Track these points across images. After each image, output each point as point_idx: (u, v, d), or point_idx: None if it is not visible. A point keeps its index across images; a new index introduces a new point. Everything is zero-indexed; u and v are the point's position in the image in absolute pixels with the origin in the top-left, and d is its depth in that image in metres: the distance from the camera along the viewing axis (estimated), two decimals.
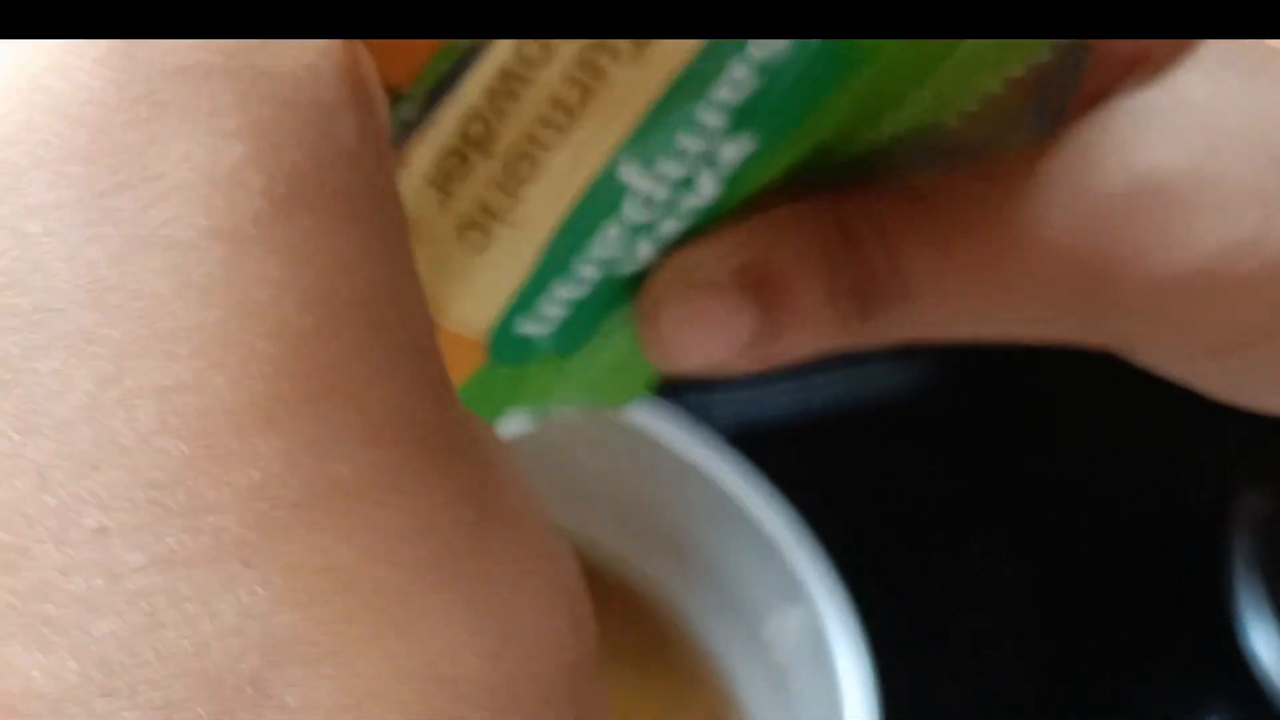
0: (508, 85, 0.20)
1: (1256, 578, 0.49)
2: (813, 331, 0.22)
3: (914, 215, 0.22)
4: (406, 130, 0.21)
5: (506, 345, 0.23)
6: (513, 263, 0.22)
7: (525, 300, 0.22)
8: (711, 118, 0.20)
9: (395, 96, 0.20)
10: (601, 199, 0.21)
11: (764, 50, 0.20)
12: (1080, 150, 0.21)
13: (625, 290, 0.22)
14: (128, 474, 0.14)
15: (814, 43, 0.20)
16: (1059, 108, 0.22)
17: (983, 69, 0.21)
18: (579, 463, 0.44)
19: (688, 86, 0.20)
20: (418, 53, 0.20)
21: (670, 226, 0.21)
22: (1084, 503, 0.52)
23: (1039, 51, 0.21)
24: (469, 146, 0.21)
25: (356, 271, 0.15)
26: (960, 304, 0.22)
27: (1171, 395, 0.26)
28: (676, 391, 0.46)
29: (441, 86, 0.20)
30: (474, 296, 0.22)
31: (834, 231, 0.22)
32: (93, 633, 0.13)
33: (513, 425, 0.24)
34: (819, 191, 0.22)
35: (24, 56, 0.15)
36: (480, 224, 0.21)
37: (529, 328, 0.22)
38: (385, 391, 0.15)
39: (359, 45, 0.17)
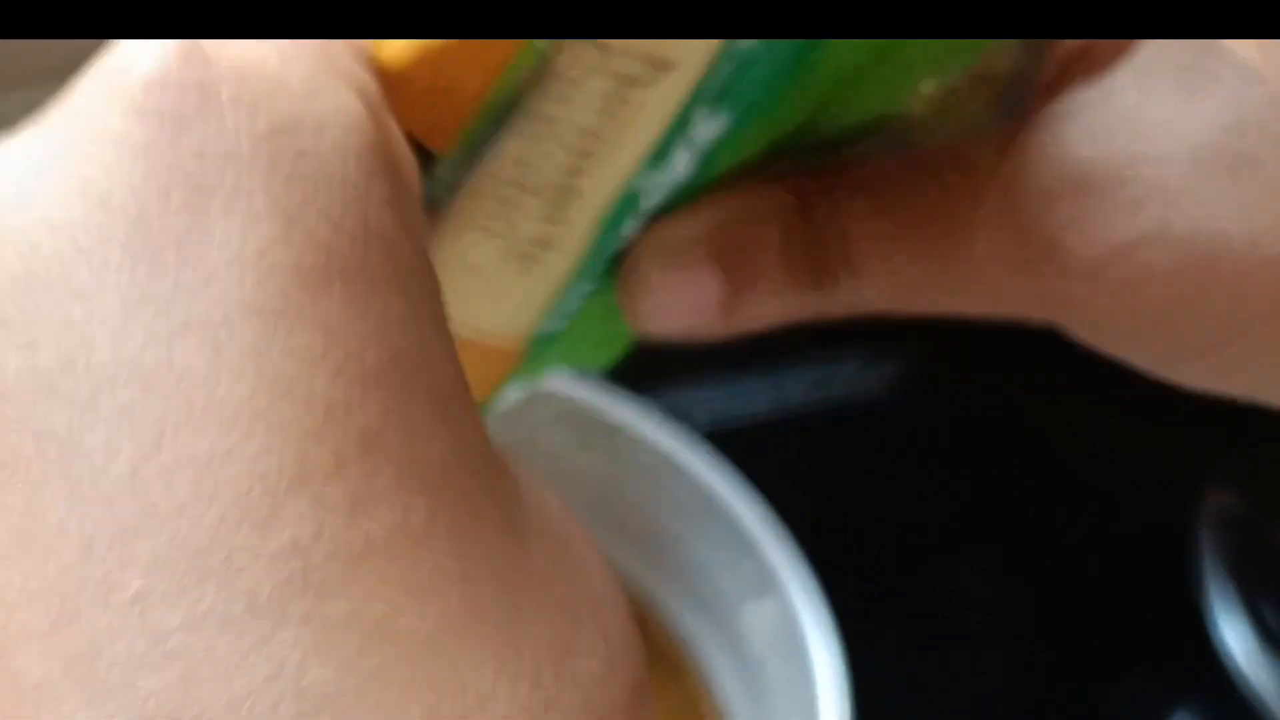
0: (547, 127, 0.21)
1: (1228, 576, 0.50)
2: (772, 299, 0.23)
3: (867, 191, 0.23)
4: (449, 189, 0.21)
5: (534, 344, 0.24)
6: (554, 278, 0.23)
7: (557, 304, 0.24)
8: (702, 112, 0.21)
9: (432, 159, 0.21)
10: (624, 203, 0.22)
11: (745, 42, 0.20)
12: (1021, 144, 0.22)
13: (612, 258, 0.24)
14: (166, 540, 0.14)
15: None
16: (1020, 102, 0.23)
17: (938, 60, 0.22)
18: (556, 456, 0.44)
19: (698, 95, 0.21)
20: (457, 118, 0.21)
21: (652, 202, 0.23)
22: (1055, 503, 0.53)
23: (992, 46, 0.22)
24: (516, 189, 0.22)
25: (385, 339, 0.16)
26: (906, 276, 0.23)
27: (1142, 397, 0.27)
28: (654, 388, 0.46)
29: (479, 144, 0.21)
30: (518, 312, 0.23)
31: (793, 205, 0.23)
32: (138, 691, 0.14)
33: (507, 399, 0.25)
34: (789, 172, 0.23)
35: (66, 149, 0.16)
36: (530, 254, 0.22)
37: (551, 324, 0.24)
38: (416, 452, 0.16)
39: (388, 118, 0.18)
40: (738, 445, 0.44)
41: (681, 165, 0.22)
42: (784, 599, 0.39)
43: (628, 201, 0.22)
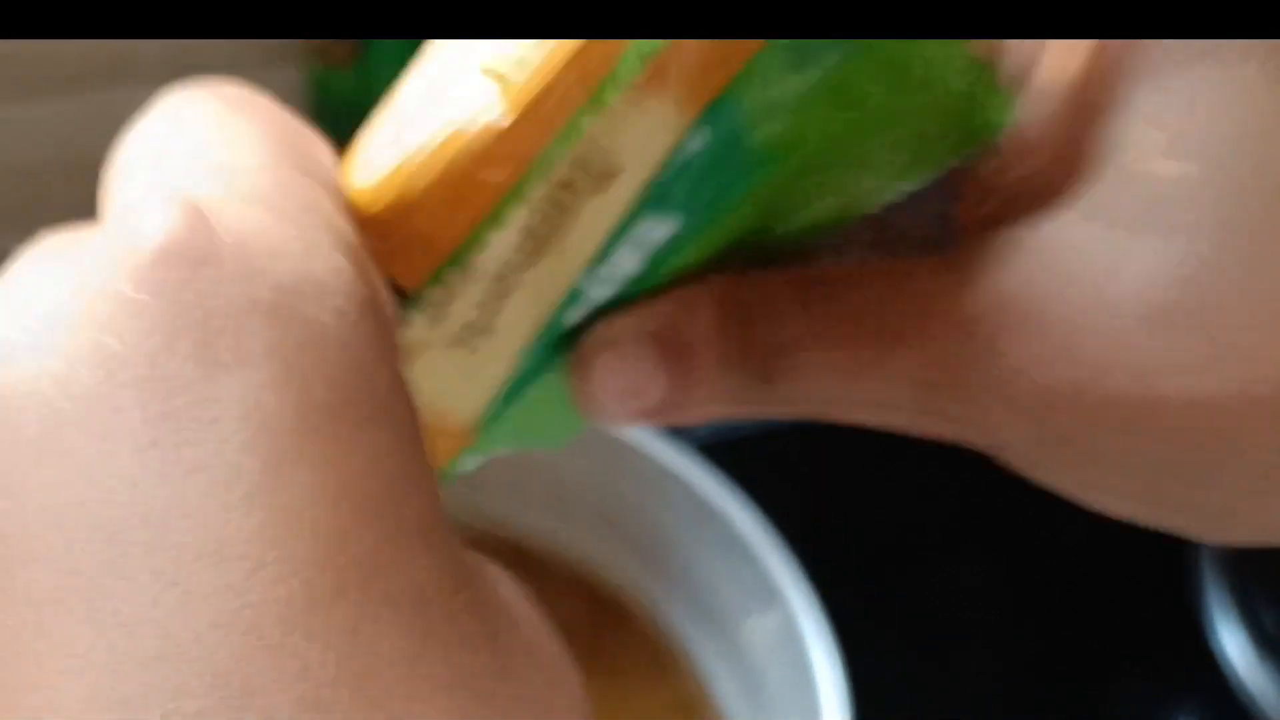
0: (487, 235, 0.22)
1: (1225, 578, 0.50)
2: (711, 396, 0.24)
3: (802, 299, 0.24)
4: (412, 315, 0.23)
5: (484, 423, 0.25)
6: (497, 367, 0.24)
7: (502, 389, 0.24)
8: (647, 216, 0.22)
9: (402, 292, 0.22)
10: (570, 300, 0.23)
11: (689, 150, 0.21)
12: (954, 270, 0.23)
13: (559, 346, 0.25)
14: (188, 665, 0.16)
15: (734, 147, 0.22)
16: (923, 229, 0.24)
17: (877, 180, 0.23)
18: (558, 469, 0.44)
19: (644, 201, 0.22)
20: (433, 261, 0.22)
21: (600, 295, 0.24)
22: (1052, 506, 0.53)
23: (914, 177, 0.23)
24: (464, 284, 0.22)
25: (376, 472, 0.17)
26: (835, 386, 0.24)
27: None
28: None
29: (447, 279, 0.22)
30: (464, 396, 0.24)
31: (732, 308, 0.24)
32: None
33: (462, 468, 0.25)
34: (741, 269, 0.24)
35: (76, 313, 0.17)
36: (469, 343, 0.23)
37: (499, 407, 0.25)
38: (406, 575, 0.17)
39: (371, 266, 0.20)
40: (738, 451, 0.44)
41: (628, 263, 0.23)
42: (785, 608, 0.39)
43: (569, 298, 0.23)
